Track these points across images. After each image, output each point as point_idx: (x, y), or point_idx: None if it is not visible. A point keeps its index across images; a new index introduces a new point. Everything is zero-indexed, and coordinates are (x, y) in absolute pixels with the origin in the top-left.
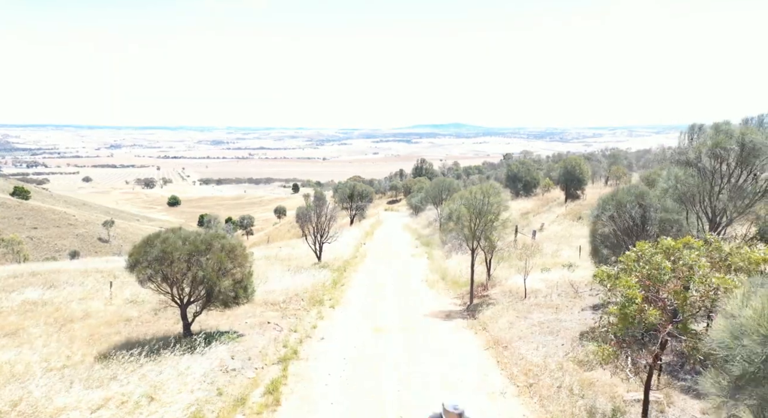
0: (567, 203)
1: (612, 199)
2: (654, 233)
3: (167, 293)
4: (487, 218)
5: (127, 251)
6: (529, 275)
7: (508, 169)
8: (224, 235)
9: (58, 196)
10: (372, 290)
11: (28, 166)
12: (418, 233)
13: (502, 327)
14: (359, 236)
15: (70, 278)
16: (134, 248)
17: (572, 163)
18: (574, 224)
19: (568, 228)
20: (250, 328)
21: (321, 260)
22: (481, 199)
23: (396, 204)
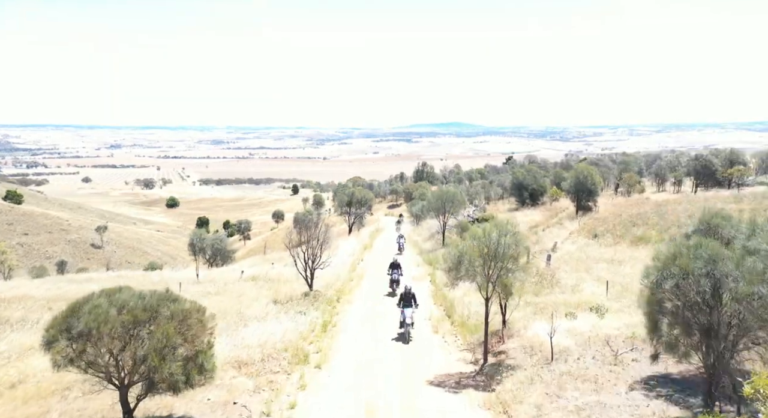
0: (578, 217)
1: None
2: (733, 316)
3: (100, 372)
4: (504, 263)
5: (117, 260)
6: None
7: (513, 177)
8: (176, 297)
9: (54, 200)
10: (368, 335)
11: (28, 166)
12: (420, 247)
13: (528, 413)
14: (357, 250)
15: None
16: (54, 319)
17: (584, 173)
18: (589, 243)
19: (584, 248)
20: (211, 411)
21: (312, 288)
22: (496, 241)
23: (396, 209)
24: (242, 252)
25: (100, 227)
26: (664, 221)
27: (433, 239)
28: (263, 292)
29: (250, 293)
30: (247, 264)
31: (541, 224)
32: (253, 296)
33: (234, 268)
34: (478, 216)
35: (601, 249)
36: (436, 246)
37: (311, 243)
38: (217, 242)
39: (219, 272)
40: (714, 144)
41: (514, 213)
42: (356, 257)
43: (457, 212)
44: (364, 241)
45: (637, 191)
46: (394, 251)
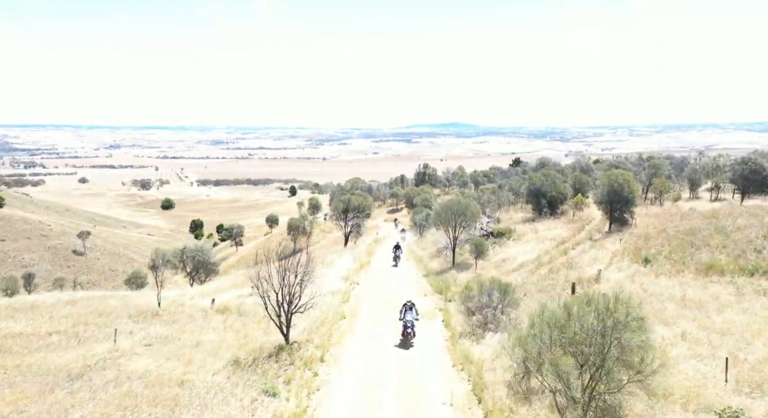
0: (613, 232)
1: None
2: None
3: None
4: (613, 373)
5: (100, 267)
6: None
7: (529, 182)
8: None
9: (40, 202)
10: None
11: (26, 166)
12: (426, 266)
13: None
14: (352, 269)
15: None
16: None
17: (619, 179)
18: (640, 270)
19: (637, 278)
20: None
21: (289, 339)
22: (603, 338)
23: (397, 214)
24: (233, 260)
25: (83, 232)
26: (732, 242)
27: (441, 256)
28: (227, 339)
29: (210, 340)
30: (228, 282)
31: (568, 239)
32: (212, 347)
33: (210, 289)
34: (492, 229)
35: (659, 281)
36: (445, 265)
37: (287, 279)
38: (198, 253)
39: (190, 296)
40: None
41: (532, 224)
42: (351, 281)
43: (470, 225)
44: (360, 257)
45: (671, 199)
46: (398, 274)
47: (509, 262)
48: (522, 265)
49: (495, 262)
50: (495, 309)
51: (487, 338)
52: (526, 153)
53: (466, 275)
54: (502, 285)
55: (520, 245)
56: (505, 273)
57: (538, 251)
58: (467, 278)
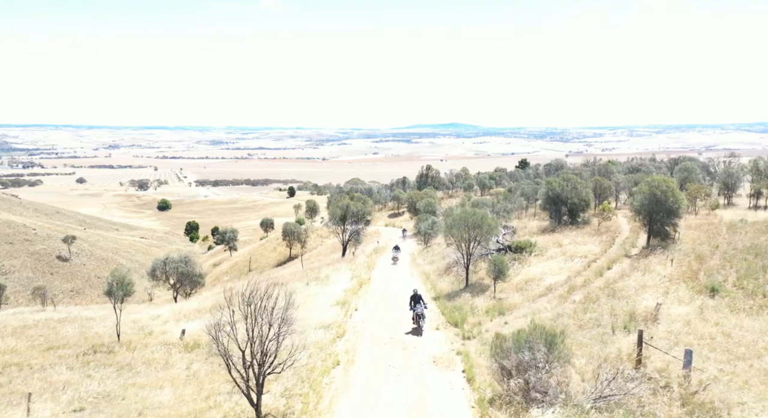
0: (654, 248)
1: None
2: None
3: None
4: None
5: (86, 274)
6: None
7: (548, 188)
8: None
9: (29, 204)
10: None
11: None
12: (435, 286)
13: None
14: (349, 289)
15: None
16: None
17: (662, 187)
18: (708, 303)
19: (707, 314)
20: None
21: (261, 411)
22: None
23: (398, 218)
24: (225, 266)
25: (68, 237)
26: None
27: (451, 273)
28: (185, 398)
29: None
30: (213, 298)
31: (600, 255)
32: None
33: (190, 309)
34: (510, 243)
35: (739, 319)
36: (457, 285)
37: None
38: (182, 264)
39: (161, 321)
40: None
41: (553, 236)
42: (347, 306)
43: (487, 240)
44: (359, 273)
45: (708, 207)
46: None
47: (534, 284)
48: (550, 288)
49: (517, 283)
50: (541, 370)
51: (532, 413)
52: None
53: (483, 300)
54: (549, 335)
55: (544, 262)
56: (531, 299)
57: (567, 270)
58: (486, 304)
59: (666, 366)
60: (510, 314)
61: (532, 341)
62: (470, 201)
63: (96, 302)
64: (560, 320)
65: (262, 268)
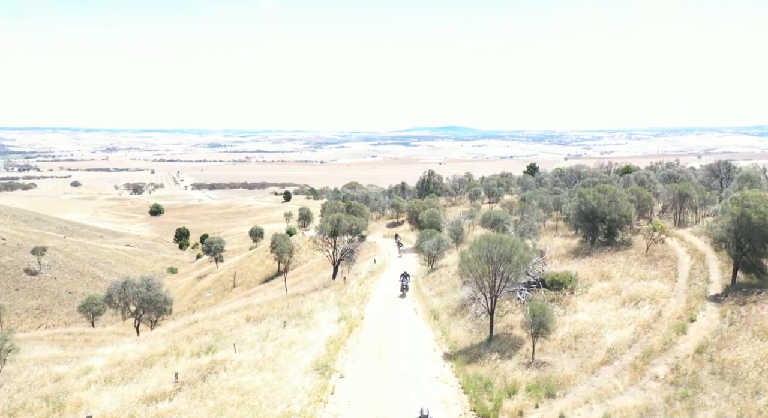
0: (740, 288)
1: None
2: None
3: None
4: None
5: (56, 289)
6: None
7: (580, 201)
8: None
9: (8, 210)
10: None
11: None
12: (447, 334)
13: None
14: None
15: None
16: None
17: (759, 208)
18: None
19: None
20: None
21: None
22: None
23: (398, 228)
24: (210, 279)
25: (38, 248)
26: None
27: (467, 314)
28: None
29: None
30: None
31: (667, 295)
32: None
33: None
34: (544, 277)
35: None
36: (477, 337)
37: None
38: (143, 290)
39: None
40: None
41: (591, 262)
42: (328, 372)
43: (518, 275)
44: (350, 308)
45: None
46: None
47: (587, 341)
48: (613, 352)
49: (562, 339)
50: None
51: None
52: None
53: (518, 365)
54: None
55: (592, 304)
56: (588, 369)
57: (629, 321)
58: (525, 375)
59: None
60: (563, 394)
61: None
62: (480, 212)
63: (63, 322)
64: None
65: (248, 284)
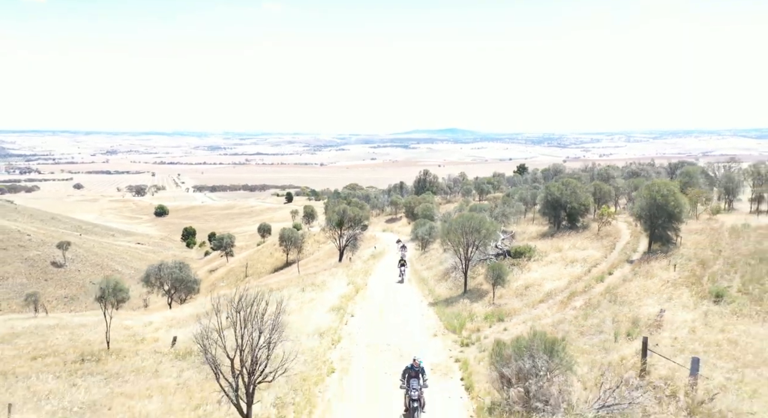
0: (653, 252)
1: None
2: None
3: None
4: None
5: (80, 280)
6: None
7: (547, 192)
8: None
9: (24, 210)
10: None
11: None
12: (432, 291)
13: None
14: (346, 295)
15: None
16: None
17: (663, 191)
18: (713, 309)
19: (712, 321)
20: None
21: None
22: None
23: (396, 223)
24: (222, 272)
25: (63, 243)
26: None
27: (449, 278)
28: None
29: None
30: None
31: (601, 260)
32: None
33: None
34: (509, 248)
35: (745, 325)
36: (455, 291)
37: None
38: (176, 270)
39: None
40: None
41: (552, 241)
42: (343, 312)
43: (486, 245)
44: (356, 279)
45: (709, 212)
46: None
47: (533, 289)
48: (550, 294)
49: (516, 289)
50: (542, 378)
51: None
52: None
53: (482, 306)
54: (548, 342)
55: (544, 267)
56: (530, 304)
57: (567, 275)
58: (485, 310)
59: (671, 374)
60: (509, 320)
61: (532, 348)
62: (468, 206)
63: (90, 309)
64: (561, 327)
65: (258, 274)
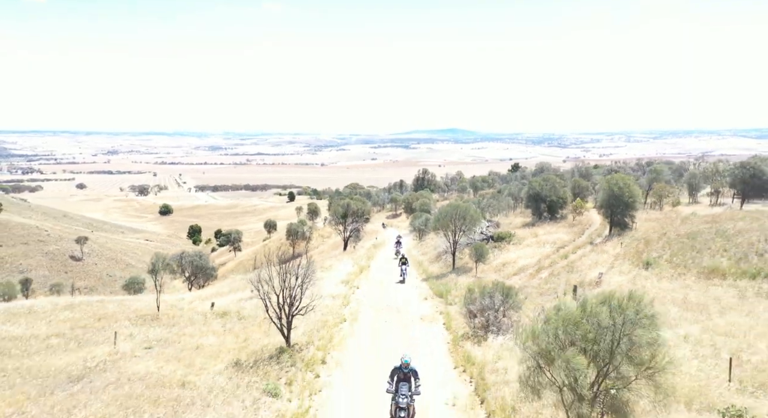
0: (613, 236)
1: None
2: None
3: None
4: (620, 366)
5: (98, 273)
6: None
7: (528, 187)
8: None
9: (37, 208)
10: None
11: (24, 172)
12: (426, 270)
13: None
14: (351, 273)
15: None
16: None
17: (620, 184)
18: (642, 273)
19: (638, 280)
20: None
21: (290, 341)
22: (611, 332)
23: (396, 219)
24: (231, 265)
25: (81, 238)
26: (734, 246)
27: (441, 260)
28: (228, 340)
29: (210, 343)
30: (226, 287)
31: (568, 243)
32: (213, 350)
33: (210, 293)
34: (492, 233)
35: (661, 283)
36: (445, 269)
37: (288, 281)
38: (197, 258)
39: (189, 300)
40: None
41: (532, 229)
42: (351, 285)
43: (471, 229)
44: (360, 262)
45: (670, 204)
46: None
47: (509, 266)
48: (522, 269)
49: (495, 266)
50: (497, 311)
51: (489, 340)
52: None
53: (466, 278)
54: (504, 288)
55: (520, 249)
56: (506, 277)
57: (538, 255)
58: (468, 281)
59: None
60: None
61: (492, 291)
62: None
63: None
64: (526, 290)
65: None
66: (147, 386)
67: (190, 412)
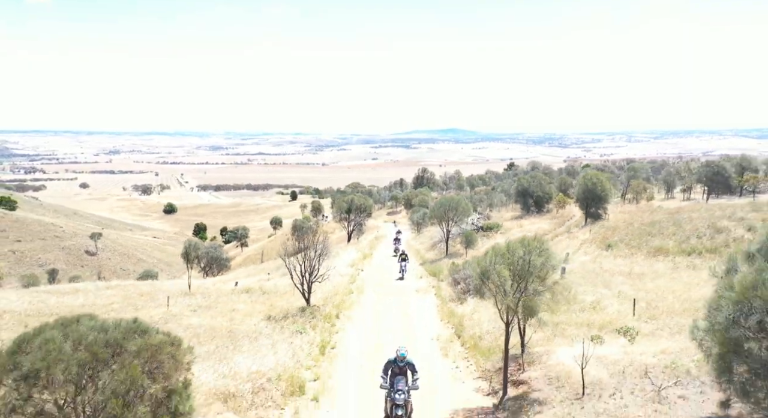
0: (588, 225)
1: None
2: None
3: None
4: (532, 284)
5: (112, 267)
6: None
7: (517, 183)
8: (146, 328)
9: (48, 206)
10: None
11: (26, 172)
12: (423, 257)
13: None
14: (356, 259)
15: None
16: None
17: (593, 179)
18: (603, 254)
19: (598, 259)
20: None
21: (310, 302)
22: (525, 259)
23: (396, 216)
24: (239, 260)
25: (95, 233)
26: (682, 231)
27: (436, 248)
28: (257, 306)
29: (242, 308)
30: (242, 274)
31: (550, 232)
32: (246, 311)
33: (228, 278)
34: (482, 224)
35: (616, 261)
36: (439, 256)
37: (308, 254)
38: (212, 250)
39: (212, 283)
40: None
41: (519, 221)
42: (356, 268)
43: (462, 220)
44: (363, 250)
45: (645, 199)
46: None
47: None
48: None
49: (483, 251)
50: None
51: (468, 300)
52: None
53: (457, 261)
54: (481, 261)
55: (505, 236)
56: None
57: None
58: (457, 262)
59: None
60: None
61: (472, 263)
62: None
63: None
64: None
65: (274, 259)
66: (204, 330)
67: (243, 340)
